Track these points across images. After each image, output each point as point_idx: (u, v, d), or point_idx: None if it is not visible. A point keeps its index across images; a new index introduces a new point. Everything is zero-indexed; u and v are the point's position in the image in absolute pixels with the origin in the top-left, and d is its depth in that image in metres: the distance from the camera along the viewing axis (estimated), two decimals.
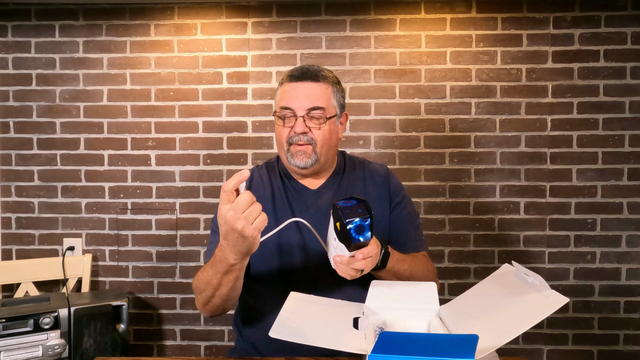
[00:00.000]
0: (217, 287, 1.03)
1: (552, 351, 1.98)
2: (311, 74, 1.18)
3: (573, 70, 1.94)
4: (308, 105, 1.15)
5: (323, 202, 1.21)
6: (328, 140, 1.18)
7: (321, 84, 1.18)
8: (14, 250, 2.03)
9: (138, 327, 2.04)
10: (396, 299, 0.95)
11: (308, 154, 1.16)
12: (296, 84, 1.17)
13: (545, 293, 0.77)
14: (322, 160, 1.19)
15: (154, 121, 2.01)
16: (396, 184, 1.28)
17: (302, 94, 1.16)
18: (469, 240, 1.98)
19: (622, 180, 1.95)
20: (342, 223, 0.87)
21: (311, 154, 1.16)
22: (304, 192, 1.23)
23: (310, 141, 1.16)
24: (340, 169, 1.27)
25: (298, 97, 1.16)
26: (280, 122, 1.18)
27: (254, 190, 1.24)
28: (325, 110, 1.17)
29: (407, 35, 1.96)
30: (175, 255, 2.03)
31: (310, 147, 1.16)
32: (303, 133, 1.15)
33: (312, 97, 1.16)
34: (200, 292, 1.09)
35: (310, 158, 1.17)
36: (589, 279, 1.96)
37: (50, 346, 1.59)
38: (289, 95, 1.17)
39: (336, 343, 0.83)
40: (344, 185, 1.24)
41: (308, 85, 1.17)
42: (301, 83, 1.17)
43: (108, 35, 2.00)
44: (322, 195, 1.22)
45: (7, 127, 2.02)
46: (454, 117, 1.97)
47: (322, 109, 1.16)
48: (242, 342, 1.25)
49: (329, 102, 1.18)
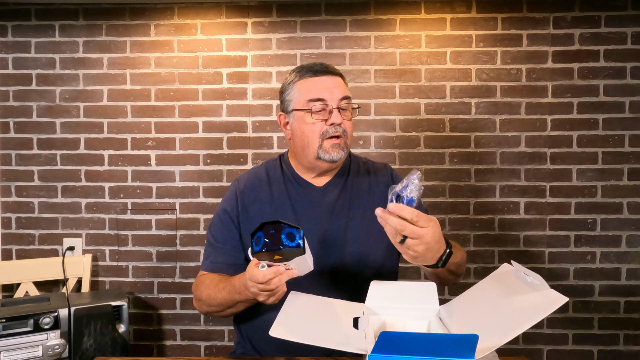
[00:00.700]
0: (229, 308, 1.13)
1: (552, 351, 1.98)
2: (331, 68, 1.19)
3: (573, 70, 1.94)
4: (340, 95, 1.16)
5: (328, 200, 1.20)
6: (352, 132, 1.20)
7: (340, 78, 1.20)
8: (14, 250, 2.03)
9: (138, 327, 2.04)
10: (396, 299, 0.95)
11: (342, 146, 1.16)
12: (322, 77, 1.16)
13: (545, 292, 0.77)
14: (346, 154, 1.19)
15: (154, 121, 2.01)
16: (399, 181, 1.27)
17: (332, 85, 1.16)
18: (469, 240, 1.98)
19: (622, 180, 1.95)
20: None
21: (344, 147, 1.16)
22: (309, 189, 1.22)
23: (344, 133, 1.15)
24: (346, 168, 1.27)
25: (329, 88, 1.15)
26: (315, 117, 1.15)
27: (250, 194, 1.23)
28: (350, 100, 1.19)
29: (407, 35, 1.96)
30: (175, 255, 2.03)
31: (343, 140, 1.16)
32: (339, 124, 1.14)
33: (342, 88, 1.17)
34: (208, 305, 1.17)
35: (344, 150, 1.16)
36: (589, 279, 1.96)
37: (50, 346, 1.59)
38: (319, 88, 1.15)
39: (336, 343, 0.83)
40: (349, 184, 1.24)
41: (333, 78, 1.17)
42: (326, 77, 1.17)
43: (108, 35, 2.00)
44: (328, 192, 1.22)
45: (7, 127, 2.02)
46: (454, 117, 1.97)
47: (350, 98, 1.18)
48: (242, 342, 1.25)
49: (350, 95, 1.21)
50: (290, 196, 1.21)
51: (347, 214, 1.20)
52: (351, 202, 1.21)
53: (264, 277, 0.93)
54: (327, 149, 1.15)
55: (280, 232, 0.87)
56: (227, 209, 1.24)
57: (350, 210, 1.20)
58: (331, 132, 1.14)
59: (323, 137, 1.15)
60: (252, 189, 1.24)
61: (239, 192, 1.24)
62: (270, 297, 0.98)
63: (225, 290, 1.11)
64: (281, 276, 0.93)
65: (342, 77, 1.21)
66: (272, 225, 0.88)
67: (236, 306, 1.12)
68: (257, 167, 1.32)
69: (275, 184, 1.24)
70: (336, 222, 1.19)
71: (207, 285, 1.17)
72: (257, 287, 0.95)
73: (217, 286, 1.14)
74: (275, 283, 0.94)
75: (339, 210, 1.20)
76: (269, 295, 0.97)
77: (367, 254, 1.18)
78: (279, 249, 0.85)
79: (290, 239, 0.87)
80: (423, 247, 0.88)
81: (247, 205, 1.22)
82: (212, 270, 1.22)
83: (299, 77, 1.18)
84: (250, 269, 0.96)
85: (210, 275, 1.21)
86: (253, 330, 1.21)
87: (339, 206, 1.20)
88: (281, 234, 0.86)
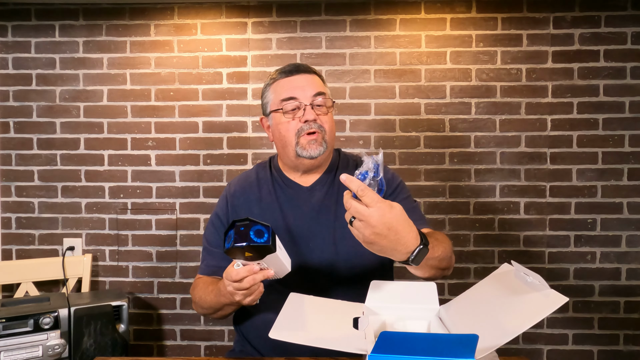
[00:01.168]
0: (218, 310, 1.13)
1: (552, 351, 1.98)
2: (303, 67, 1.21)
3: (573, 70, 1.94)
4: (312, 91, 1.17)
5: (315, 200, 1.20)
6: (333, 127, 1.20)
7: (314, 75, 1.21)
8: (14, 250, 2.03)
9: (138, 327, 2.04)
10: (396, 299, 0.95)
11: (319, 141, 1.16)
12: (293, 77, 1.19)
13: (545, 292, 0.77)
14: (329, 150, 1.19)
15: (154, 121, 2.01)
16: (387, 175, 1.25)
17: (303, 83, 1.17)
18: (469, 240, 1.98)
19: (622, 180, 1.95)
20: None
21: (322, 142, 1.17)
22: (296, 190, 1.22)
23: (320, 128, 1.16)
24: (334, 166, 1.27)
25: (300, 87, 1.17)
26: (287, 117, 1.17)
27: (240, 196, 1.24)
28: (326, 95, 1.19)
29: (407, 35, 1.96)
30: (175, 255, 2.03)
31: (320, 135, 1.16)
32: (313, 120, 1.15)
33: (314, 84, 1.18)
34: (201, 307, 1.19)
35: (322, 145, 1.16)
36: (589, 279, 1.96)
37: (50, 346, 1.59)
38: (290, 87, 1.17)
39: (336, 343, 0.83)
40: (337, 182, 1.23)
41: (305, 76, 1.19)
42: (297, 75, 1.19)
43: (108, 35, 2.00)
44: (315, 192, 1.22)
45: (7, 127, 2.02)
46: (454, 117, 1.97)
47: (324, 94, 1.19)
48: (241, 342, 1.25)
49: (326, 90, 1.21)
50: (277, 197, 1.22)
51: (334, 213, 1.19)
52: (338, 200, 1.21)
53: (237, 275, 0.93)
54: (304, 146, 1.16)
55: (249, 229, 0.87)
56: (219, 213, 1.27)
57: (337, 209, 1.20)
58: (306, 129, 1.15)
59: (299, 135, 1.16)
60: (242, 191, 1.25)
61: (230, 196, 1.26)
62: (247, 297, 0.98)
63: (213, 293, 1.12)
64: (255, 275, 0.94)
65: (318, 74, 1.23)
66: (242, 222, 0.88)
67: (224, 309, 1.13)
68: (249, 170, 1.33)
69: (264, 186, 1.25)
70: (324, 222, 1.19)
71: (200, 288, 1.20)
72: (232, 285, 0.96)
73: (207, 289, 1.16)
74: (249, 282, 0.94)
75: (326, 210, 1.20)
76: (245, 295, 0.98)
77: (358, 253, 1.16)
78: (247, 245, 0.85)
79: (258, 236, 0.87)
80: (369, 232, 0.81)
81: (237, 208, 1.24)
82: (206, 273, 1.24)
83: (273, 79, 1.21)
84: (227, 269, 0.97)
85: (204, 278, 1.23)
86: (252, 330, 1.21)
87: (326, 205, 1.20)
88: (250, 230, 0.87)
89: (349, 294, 1.08)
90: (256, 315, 1.20)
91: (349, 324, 0.91)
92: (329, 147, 1.19)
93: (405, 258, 0.87)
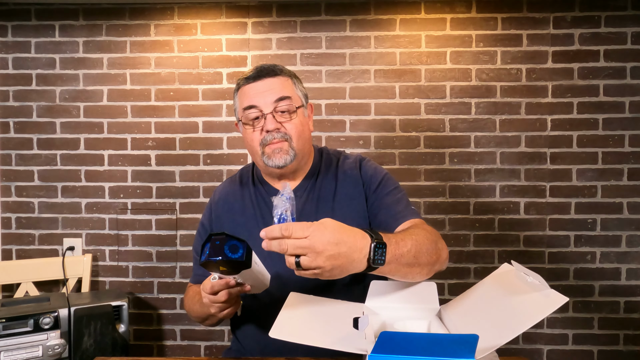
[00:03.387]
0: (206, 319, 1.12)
1: (552, 351, 1.98)
2: (267, 70, 1.13)
3: (573, 70, 1.94)
4: (273, 97, 1.10)
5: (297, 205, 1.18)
6: (302, 132, 1.13)
7: (280, 77, 1.13)
8: (14, 250, 2.03)
9: (138, 327, 2.04)
10: (396, 299, 0.95)
11: (285, 150, 1.11)
12: (254, 83, 1.12)
13: (545, 292, 0.77)
14: (299, 155, 1.14)
15: (154, 121, 2.01)
16: (369, 172, 1.19)
17: (264, 89, 1.11)
18: (469, 240, 1.98)
19: (622, 180, 1.95)
20: None
21: (288, 150, 1.11)
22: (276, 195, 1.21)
23: (285, 137, 1.10)
24: (316, 170, 1.22)
25: (261, 93, 1.11)
26: (248, 127, 1.12)
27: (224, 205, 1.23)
28: (292, 99, 1.12)
29: (407, 35, 1.96)
30: (175, 255, 2.03)
31: (286, 143, 1.11)
32: (276, 130, 1.10)
33: (275, 89, 1.11)
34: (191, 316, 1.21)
35: (289, 154, 1.11)
36: (589, 279, 1.96)
37: (50, 346, 1.59)
38: (250, 95, 1.12)
39: (336, 343, 0.83)
40: (317, 187, 1.19)
41: (267, 81, 1.12)
42: (259, 81, 1.12)
43: (108, 35, 2.00)
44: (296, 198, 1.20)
45: (7, 127, 2.02)
46: (454, 117, 1.97)
47: (289, 98, 1.11)
48: (238, 342, 1.25)
49: (293, 92, 1.14)
50: (259, 204, 1.19)
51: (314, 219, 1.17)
52: (318, 206, 1.16)
53: (211, 288, 0.93)
54: (269, 155, 1.11)
55: (224, 244, 0.86)
56: (204, 221, 1.26)
57: (317, 215, 1.14)
58: (269, 140, 1.10)
59: (263, 145, 1.11)
60: (225, 199, 1.24)
61: (213, 204, 1.25)
62: (222, 311, 0.98)
63: (198, 303, 1.11)
64: (231, 290, 0.93)
65: (288, 75, 1.15)
66: (218, 236, 0.87)
67: (209, 318, 1.11)
68: (234, 175, 1.31)
69: (246, 192, 1.22)
70: None
71: (188, 297, 1.21)
72: (207, 297, 0.95)
73: (193, 298, 1.16)
74: (224, 295, 0.93)
75: (306, 216, 1.14)
76: (220, 308, 0.97)
77: None
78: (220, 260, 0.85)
79: (233, 251, 0.86)
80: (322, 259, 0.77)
81: (220, 216, 1.23)
82: (195, 282, 1.24)
83: (237, 86, 1.16)
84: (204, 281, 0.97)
85: (193, 287, 1.22)
86: (251, 331, 1.21)
87: (306, 212, 1.15)
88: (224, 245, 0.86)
89: (350, 294, 1.07)
90: (255, 315, 1.19)
91: (349, 324, 0.90)
92: (298, 153, 1.13)
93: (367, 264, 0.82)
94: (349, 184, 1.18)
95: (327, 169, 1.22)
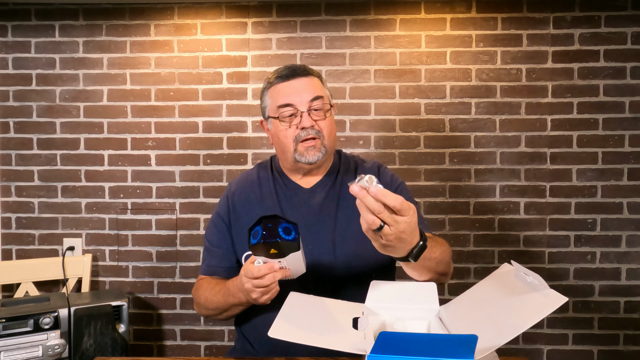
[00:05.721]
0: (225, 311, 1.14)
1: (552, 351, 1.98)
2: (300, 70, 1.18)
3: (573, 70, 1.94)
4: (309, 97, 1.15)
5: (315, 201, 1.20)
6: (332, 130, 1.19)
7: (312, 77, 1.18)
8: (14, 250, 2.03)
9: (138, 327, 2.04)
10: (396, 299, 0.95)
11: (318, 147, 1.15)
12: (289, 82, 1.17)
13: (544, 292, 0.77)
14: (328, 153, 1.18)
15: (154, 121, 2.01)
16: (387, 178, 1.25)
17: (299, 89, 1.16)
18: (469, 240, 1.98)
19: (622, 180, 1.95)
20: None
21: (320, 147, 1.16)
22: (297, 191, 1.22)
23: (318, 134, 1.15)
24: (336, 168, 1.26)
25: (297, 92, 1.15)
26: (283, 124, 1.16)
27: (240, 195, 1.24)
28: (324, 99, 1.17)
29: (407, 35, 1.96)
30: (175, 255, 2.03)
31: (318, 141, 1.15)
32: (311, 127, 1.14)
33: (310, 89, 1.16)
34: (206, 309, 1.19)
35: (320, 151, 1.16)
36: (589, 279, 1.96)
37: (50, 346, 1.59)
38: (286, 93, 1.16)
39: (336, 343, 0.83)
40: (337, 185, 1.23)
41: (301, 80, 1.17)
42: (294, 80, 1.17)
43: (108, 35, 2.00)
44: (315, 194, 1.21)
45: (7, 127, 2.02)
46: (454, 117, 1.97)
47: (322, 97, 1.17)
48: (242, 341, 1.25)
49: (324, 92, 1.19)
50: (278, 198, 1.22)
51: (334, 216, 1.19)
52: (338, 203, 1.20)
53: (258, 272, 0.94)
54: (302, 152, 1.15)
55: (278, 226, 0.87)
56: (220, 212, 1.26)
57: (337, 212, 1.19)
58: (303, 136, 1.14)
59: (297, 141, 1.15)
60: (243, 191, 1.25)
61: (230, 195, 1.26)
62: (264, 295, 0.98)
63: (220, 294, 1.12)
64: (275, 273, 0.94)
65: (317, 75, 1.20)
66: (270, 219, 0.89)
67: (231, 309, 1.13)
68: (250, 170, 1.33)
69: (265, 186, 1.24)
70: (323, 224, 1.18)
71: (205, 288, 1.19)
72: (251, 282, 0.96)
73: (213, 289, 1.16)
74: (269, 279, 0.94)
75: (326, 212, 1.19)
76: (263, 293, 0.98)
77: (357, 256, 1.16)
78: (276, 241, 0.86)
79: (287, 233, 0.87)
80: (394, 237, 0.80)
81: (237, 208, 1.23)
82: (208, 273, 1.24)
83: (270, 84, 1.20)
84: (245, 266, 0.97)
85: (207, 278, 1.23)
86: (252, 330, 1.21)
87: (326, 208, 1.19)
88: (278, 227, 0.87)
89: (347, 296, 1.08)
90: (256, 314, 1.19)
91: (349, 324, 0.91)
92: (328, 150, 1.18)
93: (406, 254, 0.87)
94: None
95: (347, 169, 1.26)
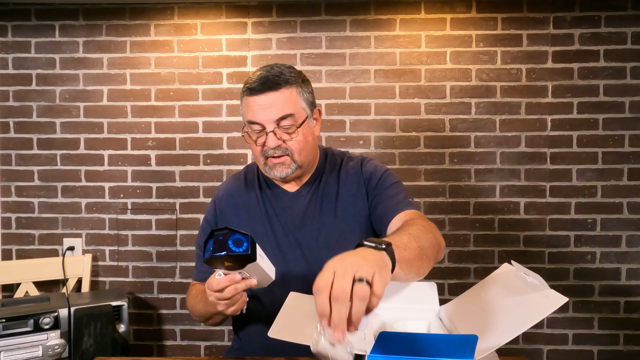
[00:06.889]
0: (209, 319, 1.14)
1: (552, 351, 1.98)
2: (271, 82, 1.08)
3: (573, 70, 1.94)
4: (276, 116, 1.08)
5: (300, 206, 1.19)
6: (304, 145, 1.13)
7: (283, 91, 1.08)
8: (14, 250, 2.03)
9: (138, 327, 2.04)
10: (396, 299, 0.95)
11: (287, 164, 1.12)
12: (258, 97, 1.08)
13: (545, 292, 0.77)
14: (303, 166, 1.15)
15: (154, 121, 2.01)
16: (370, 170, 1.20)
17: (267, 106, 1.08)
18: (469, 240, 1.98)
19: (622, 180, 1.95)
20: None
21: (290, 164, 1.12)
22: (281, 196, 1.21)
23: (286, 152, 1.10)
24: (320, 172, 1.23)
25: (264, 110, 1.08)
26: (251, 140, 1.12)
27: (228, 201, 1.23)
28: (295, 116, 1.09)
29: (407, 35, 1.96)
30: (175, 255, 2.03)
31: (287, 158, 1.11)
32: (277, 147, 1.10)
33: (279, 106, 1.08)
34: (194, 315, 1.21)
35: (290, 168, 1.12)
36: (589, 279, 1.96)
37: (50, 346, 1.59)
38: (253, 109, 1.09)
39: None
40: (321, 187, 1.20)
41: (270, 96, 1.07)
42: (262, 95, 1.07)
43: (108, 35, 2.00)
44: (301, 198, 1.20)
45: (7, 127, 2.02)
46: (454, 117, 1.97)
47: (292, 115, 1.09)
48: (239, 342, 1.25)
49: (296, 107, 1.10)
50: (264, 202, 1.21)
51: (318, 220, 1.17)
52: (322, 206, 1.18)
53: (217, 285, 0.91)
54: (271, 167, 1.12)
55: (228, 238, 0.85)
56: (208, 218, 1.26)
57: (321, 216, 1.17)
58: (270, 154, 1.10)
59: (265, 156, 1.12)
60: (230, 196, 1.24)
61: (218, 201, 1.25)
62: (229, 307, 0.97)
63: (202, 302, 1.11)
64: (237, 285, 0.91)
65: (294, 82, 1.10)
66: (221, 232, 0.86)
67: (213, 318, 1.12)
68: (239, 172, 1.31)
69: (251, 189, 1.23)
70: (308, 228, 1.17)
71: (192, 296, 1.20)
72: (213, 295, 0.94)
73: (196, 297, 1.16)
74: (230, 291, 0.91)
75: (310, 216, 1.17)
76: (227, 305, 0.96)
77: None
78: (225, 255, 0.84)
79: (237, 245, 0.84)
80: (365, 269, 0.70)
81: (225, 212, 1.23)
82: (198, 280, 1.24)
83: (243, 92, 1.13)
84: (208, 279, 0.95)
85: (197, 285, 1.22)
86: (251, 330, 1.21)
87: (310, 212, 1.18)
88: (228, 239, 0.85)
89: None
90: (255, 314, 1.19)
91: None
92: (301, 165, 1.14)
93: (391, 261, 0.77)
94: (351, 183, 1.19)
95: (331, 170, 1.23)
